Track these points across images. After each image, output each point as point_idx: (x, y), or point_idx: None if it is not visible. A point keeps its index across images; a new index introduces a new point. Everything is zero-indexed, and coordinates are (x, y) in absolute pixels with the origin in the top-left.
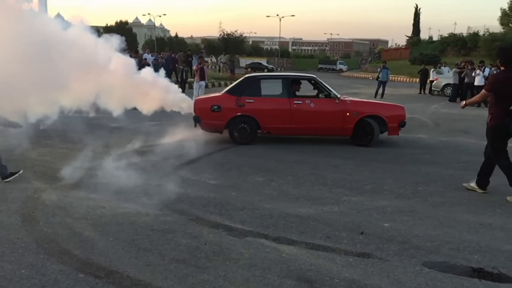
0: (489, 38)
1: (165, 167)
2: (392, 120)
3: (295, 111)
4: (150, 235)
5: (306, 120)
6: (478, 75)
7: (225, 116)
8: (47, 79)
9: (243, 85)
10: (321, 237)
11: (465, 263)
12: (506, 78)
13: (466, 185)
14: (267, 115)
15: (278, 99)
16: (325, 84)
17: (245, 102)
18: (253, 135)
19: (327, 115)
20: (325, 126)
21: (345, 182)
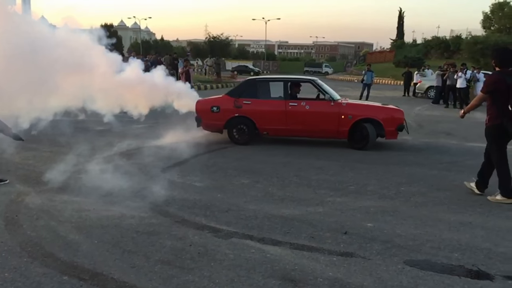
0: (472, 41)
1: (150, 170)
2: (389, 124)
3: (290, 113)
4: (135, 237)
5: (301, 122)
6: (460, 77)
7: (223, 117)
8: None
9: (242, 87)
10: (305, 237)
11: (446, 261)
12: (502, 79)
13: (466, 184)
14: (263, 116)
15: (274, 101)
16: (323, 87)
17: (242, 103)
18: (251, 136)
19: (322, 117)
20: (320, 129)
21: (330, 184)
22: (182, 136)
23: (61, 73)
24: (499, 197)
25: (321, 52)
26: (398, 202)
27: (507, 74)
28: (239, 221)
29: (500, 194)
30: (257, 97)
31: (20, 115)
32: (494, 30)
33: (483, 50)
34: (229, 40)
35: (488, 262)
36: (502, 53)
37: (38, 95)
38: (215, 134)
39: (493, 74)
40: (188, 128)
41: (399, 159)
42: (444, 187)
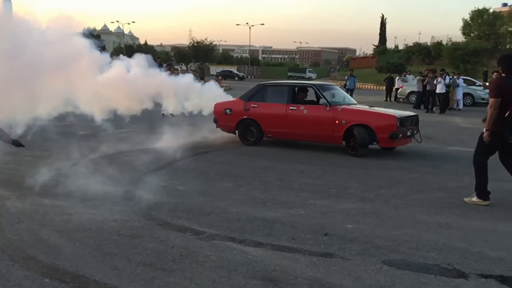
0: (452, 47)
1: (133, 174)
2: (382, 131)
3: (289, 117)
4: (117, 240)
5: (299, 126)
6: (440, 83)
7: (235, 119)
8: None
9: (252, 91)
10: (286, 239)
11: (423, 261)
12: (506, 84)
13: None
14: (267, 119)
15: (276, 105)
16: (321, 92)
17: (250, 106)
18: (258, 138)
19: (318, 122)
20: (316, 133)
21: (312, 187)
22: (165, 140)
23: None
24: (475, 198)
25: (305, 57)
26: (378, 204)
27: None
28: (221, 223)
29: (476, 196)
30: (264, 100)
31: None
32: (473, 37)
33: (463, 56)
34: (213, 45)
35: (464, 261)
36: (508, 60)
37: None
38: (199, 138)
39: (498, 78)
40: (171, 133)
41: (380, 162)
42: (423, 190)
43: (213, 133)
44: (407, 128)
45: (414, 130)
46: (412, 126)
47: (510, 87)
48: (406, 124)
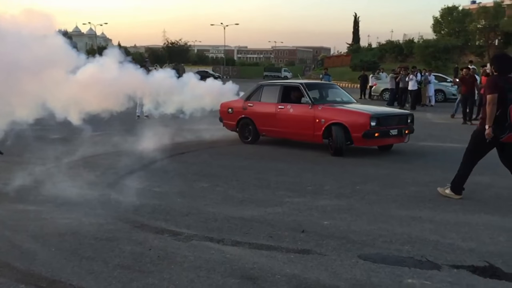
0: (423, 44)
1: (108, 177)
2: (355, 129)
3: (278, 116)
4: (94, 244)
5: (285, 124)
6: (412, 80)
7: (235, 118)
8: None
9: (251, 91)
10: (264, 237)
11: (397, 254)
12: (498, 83)
13: None
14: (260, 118)
15: (268, 104)
16: (306, 90)
17: (247, 105)
18: (254, 136)
19: (300, 120)
20: (299, 132)
21: (288, 185)
22: (141, 142)
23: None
24: (448, 191)
25: (280, 56)
26: (353, 200)
27: (504, 80)
28: (199, 223)
29: (449, 188)
30: (259, 100)
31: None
32: (444, 34)
33: (434, 53)
34: (188, 45)
35: (436, 253)
36: (500, 60)
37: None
38: (175, 140)
39: (492, 77)
40: (147, 134)
41: (355, 160)
42: (397, 185)
43: (190, 134)
44: (389, 126)
45: (405, 129)
46: (400, 125)
47: (502, 86)
48: (388, 123)
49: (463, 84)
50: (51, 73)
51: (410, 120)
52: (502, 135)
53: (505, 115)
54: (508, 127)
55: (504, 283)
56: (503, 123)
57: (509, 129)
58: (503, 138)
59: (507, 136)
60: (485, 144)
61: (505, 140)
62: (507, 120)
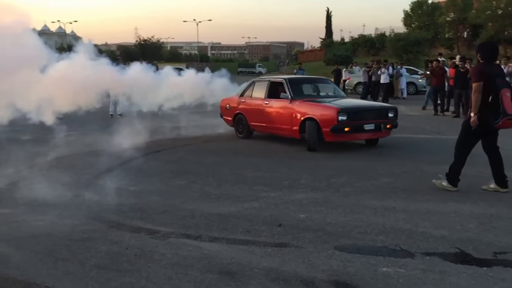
0: (395, 38)
1: (82, 177)
2: (324, 124)
3: (264, 111)
4: (69, 245)
5: (269, 120)
6: (384, 73)
7: (231, 113)
8: None
9: (245, 88)
10: (241, 232)
11: (372, 243)
12: (486, 70)
13: (486, 187)
14: (250, 113)
15: (257, 99)
16: (288, 85)
17: (241, 101)
18: (247, 131)
19: (281, 115)
20: (281, 127)
21: (264, 180)
22: (115, 141)
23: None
24: (445, 183)
25: (254, 52)
26: (329, 193)
27: (490, 67)
28: (176, 221)
29: (446, 181)
30: (250, 96)
31: None
32: (414, 27)
33: (405, 47)
34: (161, 42)
35: (409, 242)
36: (486, 48)
37: None
38: (149, 138)
39: (479, 64)
40: (121, 133)
41: (330, 153)
42: (371, 176)
43: (166, 131)
44: (363, 121)
45: (385, 123)
46: (379, 119)
47: (489, 73)
48: (362, 117)
49: (434, 76)
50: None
51: (393, 114)
52: (496, 121)
53: (497, 101)
54: (501, 113)
55: (474, 268)
56: (496, 109)
57: (502, 115)
58: (497, 124)
59: (501, 121)
60: (476, 133)
61: (499, 126)
62: (500, 105)
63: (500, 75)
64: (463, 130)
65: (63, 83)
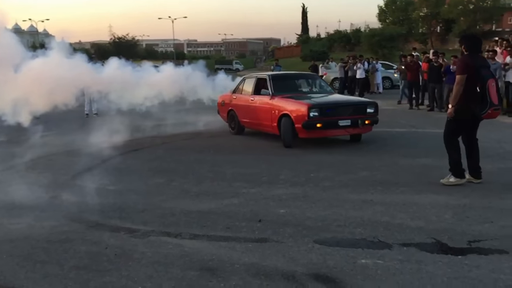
0: (370, 33)
1: (59, 178)
2: (297, 120)
3: (250, 107)
4: (47, 247)
5: (254, 116)
6: (359, 68)
7: (226, 109)
8: None
9: (237, 84)
10: (221, 228)
11: (350, 236)
12: (471, 62)
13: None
14: (239, 109)
15: (245, 96)
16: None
17: (232, 98)
18: (238, 127)
19: (262, 112)
20: (263, 123)
21: (244, 176)
22: (92, 141)
23: None
24: (453, 179)
25: (231, 49)
26: (308, 188)
27: (475, 58)
28: (156, 219)
29: (453, 176)
30: (241, 92)
31: None
32: (389, 23)
33: (380, 42)
34: (136, 40)
35: (387, 233)
36: (470, 40)
37: None
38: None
39: (464, 56)
40: (98, 133)
41: (309, 149)
42: (349, 170)
43: (143, 130)
44: (338, 117)
45: (363, 119)
46: (356, 115)
47: (474, 65)
48: (336, 113)
49: (408, 71)
50: None
51: (373, 109)
52: (483, 111)
53: (484, 91)
54: (488, 103)
55: (450, 257)
56: (483, 100)
57: (489, 105)
58: (484, 115)
59: (487, 112)
60: (462, 124)
61: (486, 116)
62: (487, 96)
63: (485, 66)
64: (448, 120)
65: (38, 82)
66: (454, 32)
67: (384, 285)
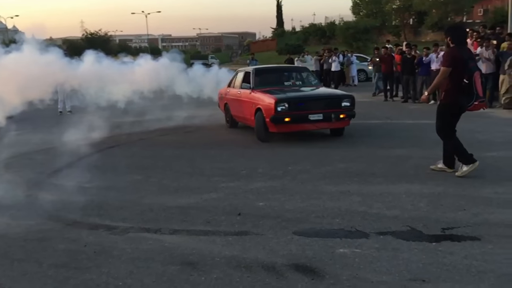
0: (344, 26)
1: (34, 177)
2: (267, 114)
3: (238, 101)
4: (24, 246)
5: (240, 109)
6: (334, 61)
7: (222, 103)
8: None
9: (232, 78)
10: (201, 223)
11: (329, 227)
12: (459, 54)
13: (434, 167)
14: (231, 103)
15: (235, 90)
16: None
17: (227, 92)
18: (232, 121)
19: (245, 106)
20: (245, 117)
21: (222, 171)
22: (67, 138)
23: None
24: (465, 168)
25: (206, 44)
26: (286, 181)
27: (462, 50)
28: (135, 216)
29: (465, 166)
30: (233, 86)
31: None
32: (363, 15)
33: (355, 35)
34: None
35: (364, 223)
36: (456, 31)
37: None
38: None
39: (451, 49)
40: (73, 130)
41: (286, 142)
42: (326, 162)
43: (119, 126)
44: (308, 111)
45: (337, 113)
46: (329, 109)
47: (462, 57)
48: (307, 107)
49: (382, 63)
50: None
51: (349, 103)
52: (469, 104)
53: (471, 84)
54: (475, 96)
55: (424, 244)
56: (470, 92)
57: (475, 97)
58: (469, 107)
59: (473, 104)
60: (454, 115)
61: (471, 108)
62: (473, 88)
63: (471, 58)
64: (440, 114)
65: (11, 78)
66: (426, 24)
67: (362, 272)
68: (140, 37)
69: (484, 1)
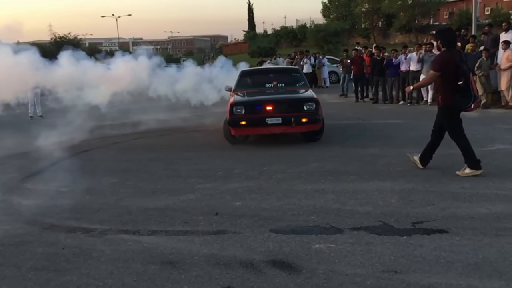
0: (315, 29)
1: (8, 182)
2: (228, 117)
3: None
4: (1, 250)
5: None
6: (306, 63)
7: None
8: None
9: None
10: (179, 223)
11: (304, 224)
12: (451, 58)
13: (410, 155)
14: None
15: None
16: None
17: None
18: None
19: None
20: None
21: (199, 172)
22: (40, 143)
23: None
24: (468, 170)
25: (178, 47)
26: (262, 181)
27: (454, 53)
28: (112, 218)
29: (468, 168)
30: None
31: None
32: (333, 18)
33: (325, 37)
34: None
35: (338, 219)
36: (446, 34)
37: None
38: (77, 138)
39: (443, 53)
40: (46, 134)
41: (261, 143)
42: (301, 162)
43: (93, 130)
44: (265, 115)
45: (299, 117)
46: (289, 112)
47: (454, 60)
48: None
49: (354, 65)
50: None
51: (312, 107)
52: (468, 105)
53: (468, 85)
54: (473, 97)
55: (396, 238)
56: (467, 94)
57: (473, 98)
58: (469, 108)
59: (473, 105)
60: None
61: (471, 109)
62: (470, 90)
63: (462, 60)
64: (444, 117)
65: None
66: (394, 27)
67: (337, 266)
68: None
69: (450, 4)
